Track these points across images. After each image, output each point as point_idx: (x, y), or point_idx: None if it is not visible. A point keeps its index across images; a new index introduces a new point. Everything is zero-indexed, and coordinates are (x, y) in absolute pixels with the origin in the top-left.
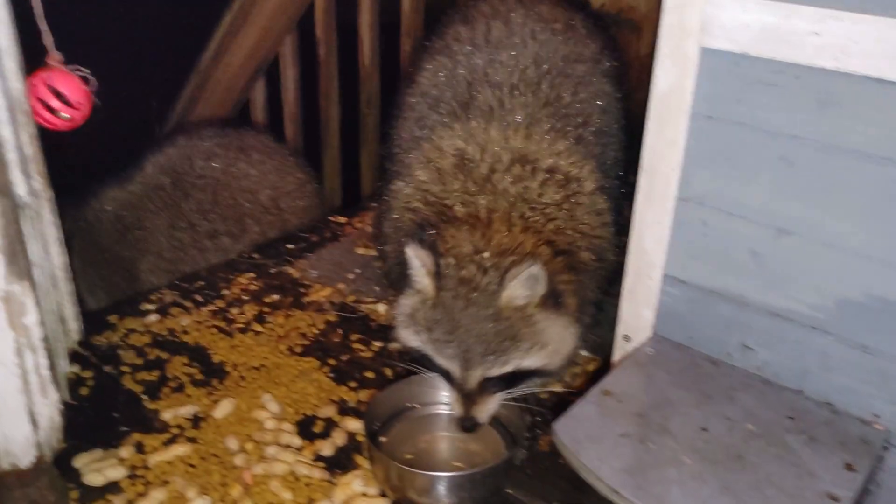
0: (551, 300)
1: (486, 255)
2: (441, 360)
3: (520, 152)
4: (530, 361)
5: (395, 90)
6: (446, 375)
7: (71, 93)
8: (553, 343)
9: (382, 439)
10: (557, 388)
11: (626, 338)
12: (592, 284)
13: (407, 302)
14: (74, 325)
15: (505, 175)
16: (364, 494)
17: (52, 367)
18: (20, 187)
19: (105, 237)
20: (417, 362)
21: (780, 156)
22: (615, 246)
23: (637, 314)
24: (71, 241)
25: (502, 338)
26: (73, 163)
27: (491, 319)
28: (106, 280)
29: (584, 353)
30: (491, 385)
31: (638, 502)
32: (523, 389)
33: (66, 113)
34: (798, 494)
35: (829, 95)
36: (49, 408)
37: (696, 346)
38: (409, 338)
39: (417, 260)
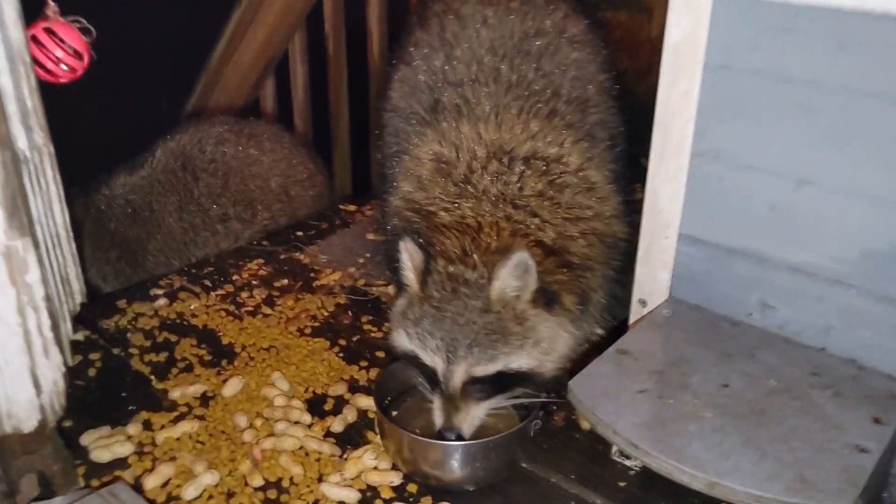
0: (543, 298)
1: (475, 256)
2: (425, 355)
3: (495, 144)
4: (520, 360)
5: None
6: (431, 376)
7: (72, 43)
8: (545, 342)
9: (393, 413)
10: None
11: (642, 302)
12: (596, 274)
13: (400, 302)
14: (77, 287)
15: (483, 174)
16: (375, 468)
17: (55, 328)
18: (21, 141)
19: (115, 222)
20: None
21: (798, 103)
22: (621, 219)
23: (652, 276)
24: (80, 227)
25: (490, 331)
26: (82, 156)
27: (479, 311)
28: (114, 265)
29: (600, 331)
30: (477, 390)
31: (657, 455)
32: (513, 399)
33: (67, 63)
34: (824, 447)
35: (849, 37)
36: (52, 370)
37: (714, 307)
38: (400, 339)
39: (406, 254)
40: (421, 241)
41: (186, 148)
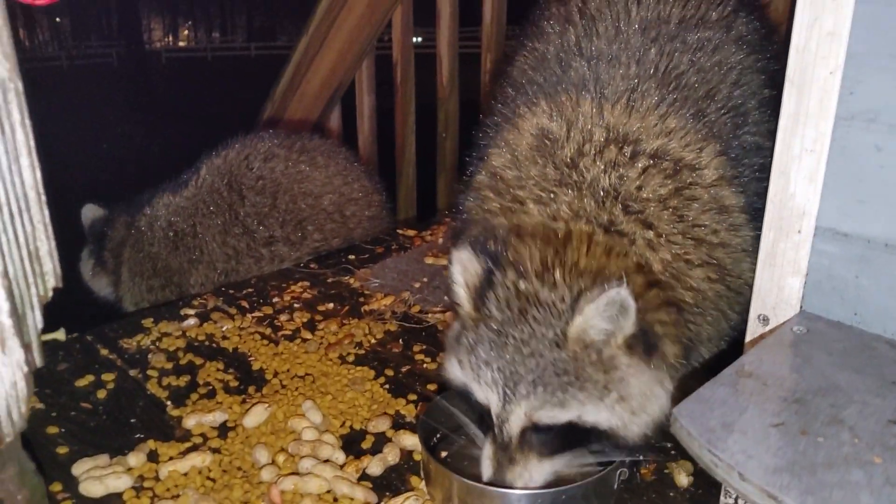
0: (642, 345)
1: (556, 273)
2: (479, 390)
3: (618, 129)
4: (599, 416)
5: (473, 115)
6: (484, 417)
7: None
8: (636, 400)
9: (443, 454)
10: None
11: (763, 319)
12: (709, 322)
13: (456, 325)
14: (50, 267)
15: (596, 160)
16: None
17: (15, 314)
18: None
19: (156, 246)
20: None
21: None
22: (753, 260)
23: (778, 285)
24: (122, 249)
25: (562, 371)
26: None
27: (549, 344)
28: (154, 292)
29: None
30: (539, 442)
31: None
32: (586, 460)
33: None
34: None
35: None
36: (9, 369)
37: (865, 325)
38: (452, 369)
39: (459, 265)
40: (488, 246)
41: (233, 165)
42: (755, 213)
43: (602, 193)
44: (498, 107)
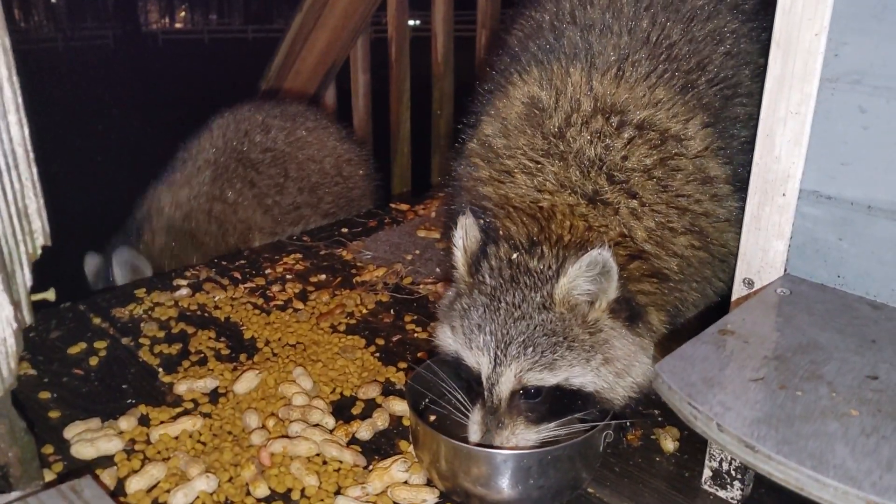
0: (625, 311)
1: (543, 247)
2: (469, 354)
3: (605, 99)
4: (585, 377)
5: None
6: (473, 383)
7: None
8: (620, 362)
9: (431, 418)
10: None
11: (748, 282)
12: (694, 289)
13: (449, 293)
14: (38, 226)
15: (582, 130)
16: (405, 483)
17: (6, 272)
18: None
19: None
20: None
21: None
22: (736, 230)
23: (763, 248)
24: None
25: (550, 332)
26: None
27: (539, 307)
28: None
29: None
30: (527, 407)
31: (784, 460)
32: (572, 428)
33: None
34: None
35: None
36: (0, 326)
37: (847, 287)
38: (443, 335)
39: (461, 230)
40: (482, 220)
41: (234, 140)
42: (743, 185)
43: (587, 163)
44: (492, 74)
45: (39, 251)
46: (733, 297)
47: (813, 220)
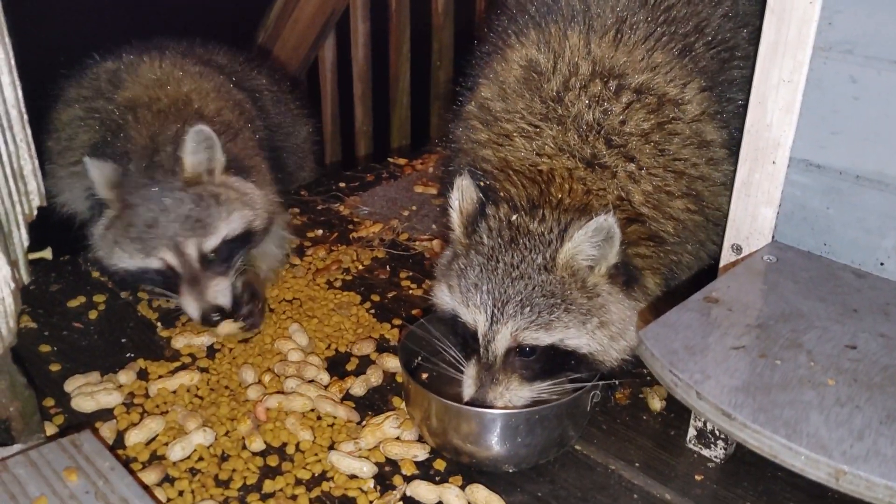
0: (623, 276)
1: (544, 210)
2: (466, 312)
3: (604, 63)
4: (580, 339)
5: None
6: (468, 341)
7: None
8: (615, 325)
9: (423, 376)
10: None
11: (736, 248)
12: (689, 252)
13: (447, 253)
14: (34, 186)
15: (581, 94)
16: (398, 439)
17: (3, 232)
18: None
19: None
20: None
21: None
22: (730, 191)
23: (752, 215)
24: None
25: (549, 294)
26: None
27: (538, 268)
28: None
29: None
30: (521, 365)
31: (759, 428)
32: (564, 388)
33: None
34: None
35: None
36: None
37: (833, 255)
38: (440, 294)
39: (458, 192)
40: (481, 182)
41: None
42: (735, 147)
43: (585, 127)
44: (490, 35)
45: (35, 211)
46: (721, 263)
47: (802, 188)
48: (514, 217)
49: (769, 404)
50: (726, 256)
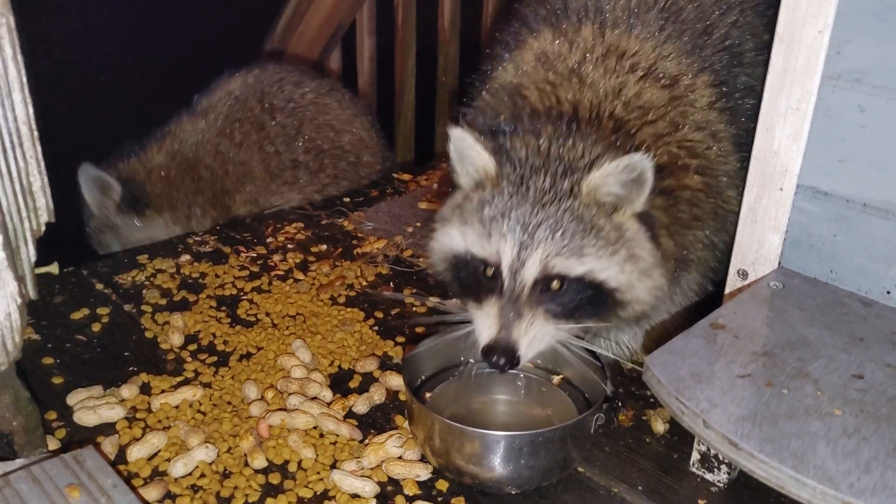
0: (646, 223)
1: (573, 138)
2: (486, 247)
3: (618, 45)
4: (608, 271)
5: (474, 59)
6: (483, 286)
7: None
8: (643, 261)
9: (427, 395)
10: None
11: (742, 274)
12: (698, 235)
13: (452, 200)
14: (43, 202)
15: (597, 65)
16: (400, 458)
17: (9, 246)
18: None
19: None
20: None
21: None
22: (735, 188)
23: (759, 240)
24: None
25: (579, 220)
26: None
27: (567, 194)
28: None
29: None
30: (548, 299)
31: (766, 459)
32: (587, 326)
33: None
34: None
35: None
36: (4, 300)
37: (839, 283)
38: (448, 237)
39: (469, 138)
40: (499, 121)
41: (265, 84)
42: (741, 147)
43: (603, 93)
44: (503, 37)
45: (43, 228)
46: (727, 289)
47: (809, 215)
48: (544, 144)
49: (776, 434)
50: (732, 282)
